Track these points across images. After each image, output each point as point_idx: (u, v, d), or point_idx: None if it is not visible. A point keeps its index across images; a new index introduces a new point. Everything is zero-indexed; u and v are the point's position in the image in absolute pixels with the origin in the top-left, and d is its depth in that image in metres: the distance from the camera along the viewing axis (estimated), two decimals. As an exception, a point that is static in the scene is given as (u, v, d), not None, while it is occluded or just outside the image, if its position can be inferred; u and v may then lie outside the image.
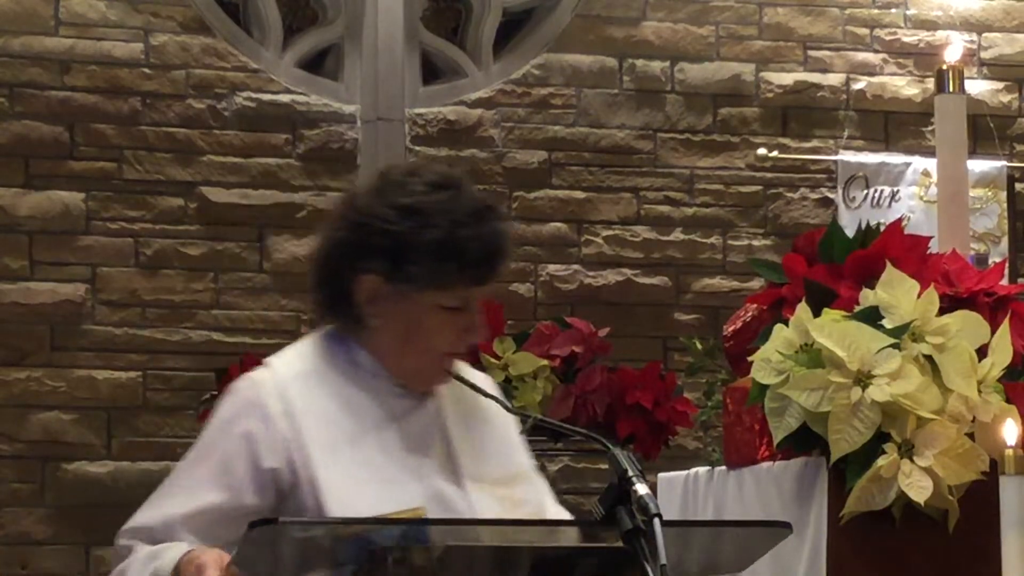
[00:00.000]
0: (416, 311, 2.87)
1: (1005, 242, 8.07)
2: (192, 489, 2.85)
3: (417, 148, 7.74)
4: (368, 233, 2.85)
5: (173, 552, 2.72)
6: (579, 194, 7.95)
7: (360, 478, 2.83)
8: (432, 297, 2.85)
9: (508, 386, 6.69)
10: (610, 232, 7.94)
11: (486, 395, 2.97)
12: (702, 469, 4.10)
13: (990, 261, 6.06)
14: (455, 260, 2.83)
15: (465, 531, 2.71)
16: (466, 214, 2.83)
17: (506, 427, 3.03)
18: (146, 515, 2.88)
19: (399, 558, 2.58)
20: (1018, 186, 8.27)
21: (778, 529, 2.83)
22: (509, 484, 2.94)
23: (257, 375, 2.94)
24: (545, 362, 6.77)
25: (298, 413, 2.86)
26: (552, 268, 7.88)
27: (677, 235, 8.03)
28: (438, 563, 2.59)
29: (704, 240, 8.17)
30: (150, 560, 2.74)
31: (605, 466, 6.51)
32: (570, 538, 2.78)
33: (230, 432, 2.88)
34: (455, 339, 2.89)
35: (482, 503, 2.86)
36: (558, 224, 7.93)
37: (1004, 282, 3.99)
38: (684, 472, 4.18)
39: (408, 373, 2.93)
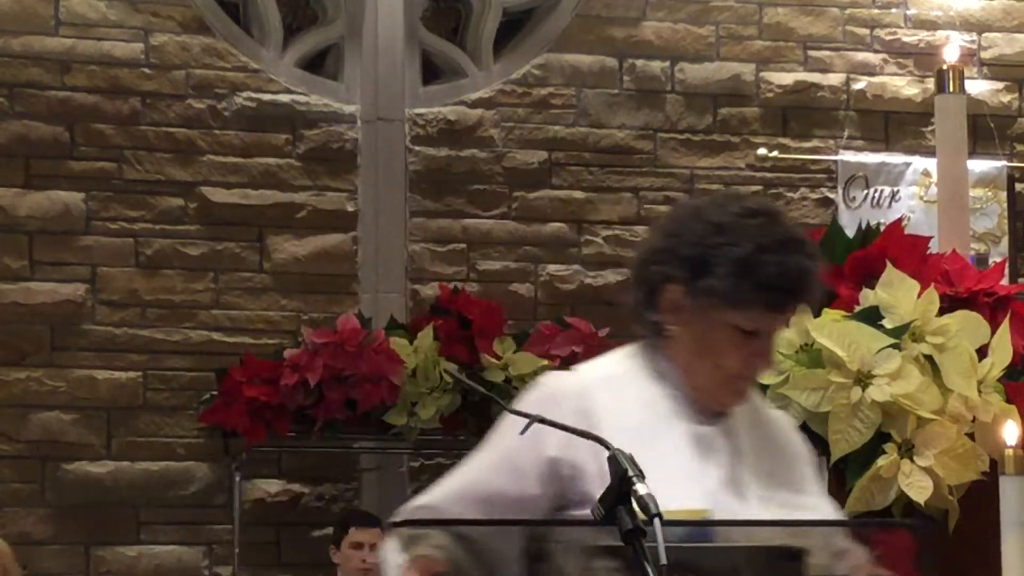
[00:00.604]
0: (711, 328, 2.95)
1: (1005, 242, 8.08)
2: (477, 472, 2.97)
3: (417, 148, 7.80)
4: (679, 244, 2.95)
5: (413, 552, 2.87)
6: (579, 194, 7.98)
7: (647, 474, 2.88)
8: (728, 316, 2.93)
9: (508, 386, 6.84)
10: (610, 232, 7.95)
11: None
12: None
13: (990, 261, 6.11)
14: (753, 281, 2.90)
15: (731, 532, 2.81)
16: (773, 240, 2.90)
17: (802, 466, 3.08)
18: (431, 495, 3.01)
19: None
20: (1018, 186, 8.30)
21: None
22: (791, 513, 2.97)
23: (561, 374, 3.10)
24: (545, 362, 6.92)
25: (597, 410, 2.94)
26: (552, 268, 7.91)
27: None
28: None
29: None
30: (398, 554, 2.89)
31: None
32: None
33: (521, 423, 3.01)
34: (744, 362, 2.96)
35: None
36: (558, 224, 7.96)
37: (1004, 282, 3.99)
38: None
39: (698, 388, 3.00)
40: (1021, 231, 8.36)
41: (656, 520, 2.45)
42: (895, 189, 8.13)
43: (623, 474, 2.51)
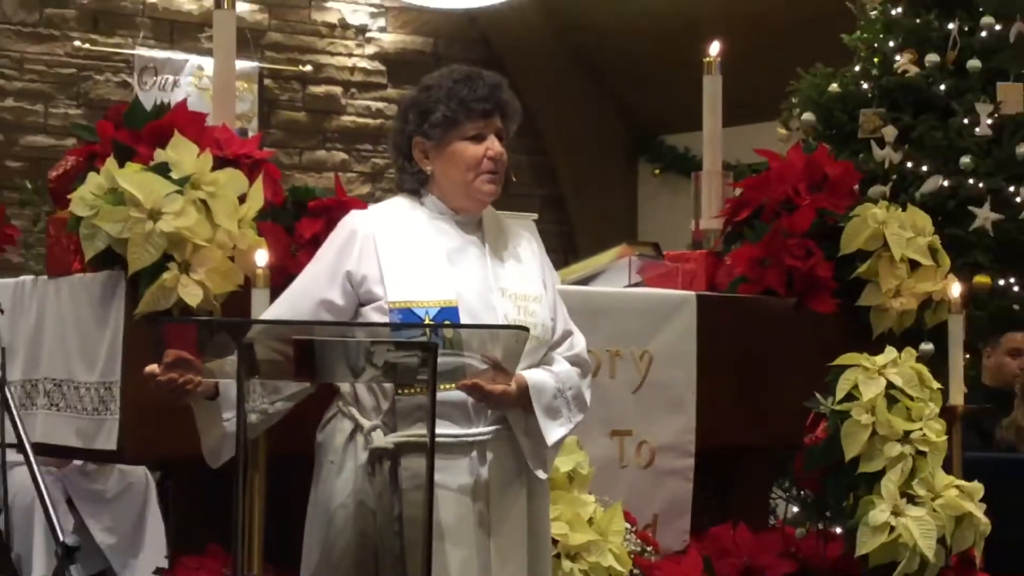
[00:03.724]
0: (452, 150, 3.28)
1: (256, 121, 9.08)
2: (303, 287, 3.28)
3: None
4: (408, 112, 3.33)
5: None
6: None
7: (412, 275, 3.19)
8: (457, 135, 3.27)
9: None
10: None
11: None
12: (28, 278, 4.12)
13: (249, 134, 5.60)
14: (459, 102, 3.25)
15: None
16: (464, 75, 3.29)
17: (531, 261, 3.37)
18: (273, 307, 3.35)
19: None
20: (266, 81, 9.30)
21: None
22: (527, 299, 3.26)
23: (356, 213, 3.39)
24: None
25: (380, 236, 3.24)
26: None
27: (9, 102, 8.51)
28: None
29: (31, 107, 8.63)
30: None
31: None
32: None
33: (329, 246, 3.31)
34: (482, 159, 3.26)
35: (504, 306, 3.22)
36: None
37: (258, 149, 4.03)
38: (13, 280, 4.17)
39: (460, 196, 3.31)
40: (265, 113, 9.27)
41: None
42: (176, 78, 8.86)
43: None
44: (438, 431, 2.93)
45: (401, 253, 3.22)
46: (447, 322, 3.08)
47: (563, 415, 3.24)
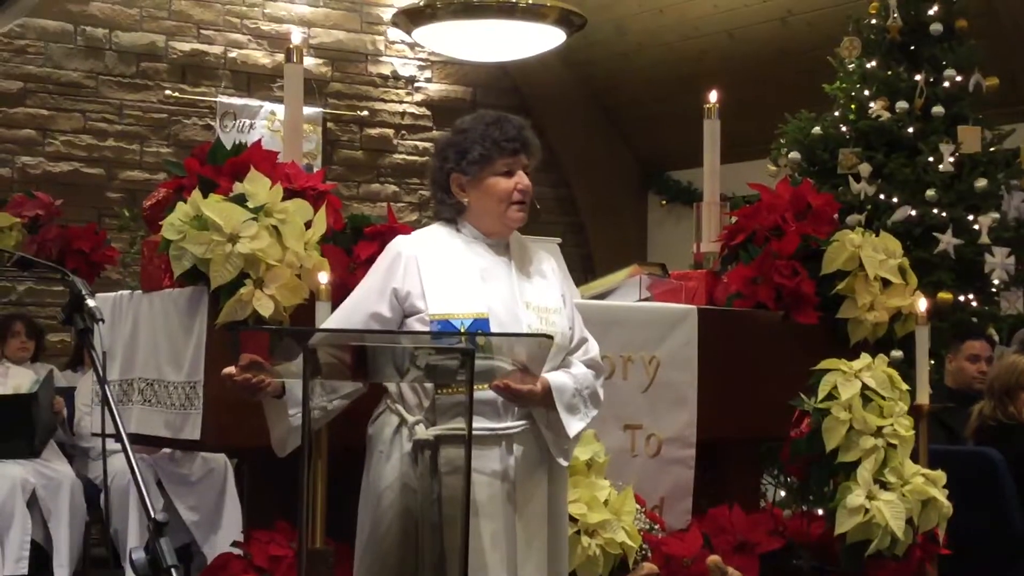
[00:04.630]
0: (485, 184, 3.24)
1: (320, 159, 8.98)
2: (357, 302, 3.24)
3: None
4: (447, 151, 3.27)
5: None
6: (45, 111, 8.35)
7: (449, 291, 3.16)
8: (490, 171, 3.23)
9: None
10: (65, 138, 8.33)
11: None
12: (125, 292, 4.10)
13: (314, 170, 5.93)
14: (492, 142, 3.21)
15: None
16: (494, 119, 3.25)
17: (552, 278, 3.31)
18: (332, 318, 3.30)
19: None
20: (329, 125, 9.26)
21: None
22: (548, 312, 3.22)
23: (402, 237, 3.33)
24: (18, 220, 7.23)
25: (420, 258, 3.20)
26: (25, 159, 8.21)
27: (110, 143, 8.52)
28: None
29: (129, 147, 8.62)
30: None
31: (60, 288, 7.57)
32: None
33: (378, 266, 3.27)
34: (513, 191, 3.23)
35: (528, 317, 3.18)
36: (29, 131, 8.21)
37: (322, 182, 4.01)
38: (113, 294, 4.15)
39: (493, 223, 3.27)
40: (328, 152, 9.15)
41: (98, 324, 2.42)
42: (252, 122, 8.77)
43: (78, 292, 2.47)
44: (473, 425, 2.95)
45: (440, 272, 3.19)
46: (479, 331, 3.06)
47: (581, 411, 3.21)
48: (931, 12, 7.03)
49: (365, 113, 9.47)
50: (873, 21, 7.14)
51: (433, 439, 3.09)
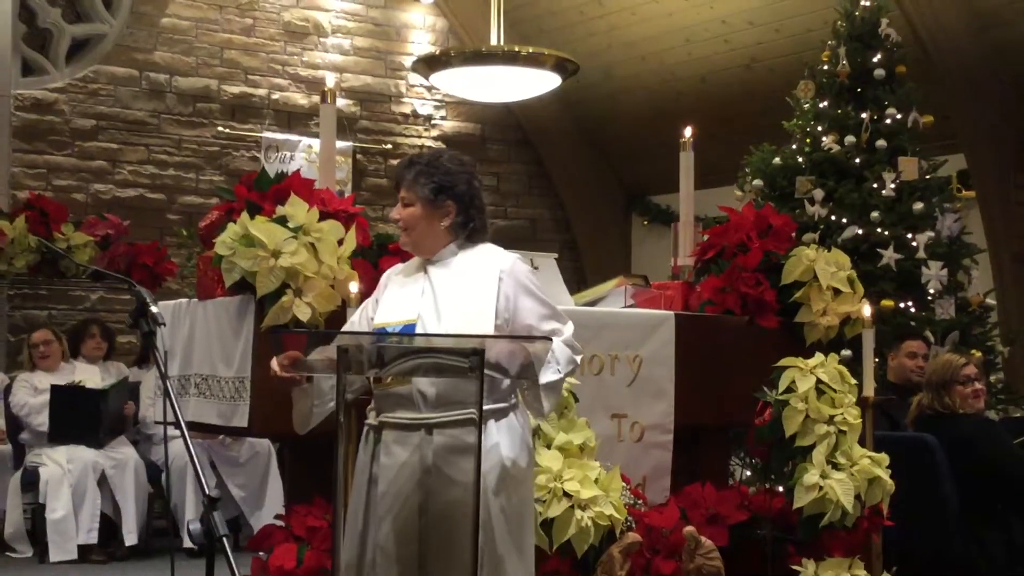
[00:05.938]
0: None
1: (350, 185, 8.85)
2: (362, 308, 3.15)
3: (18, 113, 7.89)
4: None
5: None
6: (115, 145, 8.26)
7: (390, 304, 3.05)
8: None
9: (68, 251, 7.12)
10: (132, 168, 8.29)
11: None
12: (183, 300, 4.07)
13: (345, 195, 5.75)
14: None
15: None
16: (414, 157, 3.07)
17: (482, 287, 3.00)
18: (347, 323, 3.19)
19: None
20: (359, 157, 9.07)
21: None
22: (468, 319, 2.95)
23: (393, 266, 3.21)
24: (91, 238, 7.30)
25: (391, 276, 3.14)
26: (97, 186, 8.19)
27: (170, 172, 8.49)
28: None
29: (186, 175, 8.62)
30: None
31: (128, 297, 6.71)
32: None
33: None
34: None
35: (451, 322, 2.94)
36: (102, 162, 8.20)
37: (352, 206, 3.92)
38: (173, 301, 4.13)
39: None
40: (358, 180, 9.09)
41: (160, 327, 2.44)
42: (292, 154, 8.70)
43: (143, 300, 2.46)
44: (395, 416, 2.90)
45: (392, 289, 3.10)
46: (416, 333, 2.95)
47: (553, 365, 2.94)
48: (875, 59, 7.02)
49: (389, 146, 9.39)
50: (825, 67, 7.12)
51: (377, 424, 2.99)
